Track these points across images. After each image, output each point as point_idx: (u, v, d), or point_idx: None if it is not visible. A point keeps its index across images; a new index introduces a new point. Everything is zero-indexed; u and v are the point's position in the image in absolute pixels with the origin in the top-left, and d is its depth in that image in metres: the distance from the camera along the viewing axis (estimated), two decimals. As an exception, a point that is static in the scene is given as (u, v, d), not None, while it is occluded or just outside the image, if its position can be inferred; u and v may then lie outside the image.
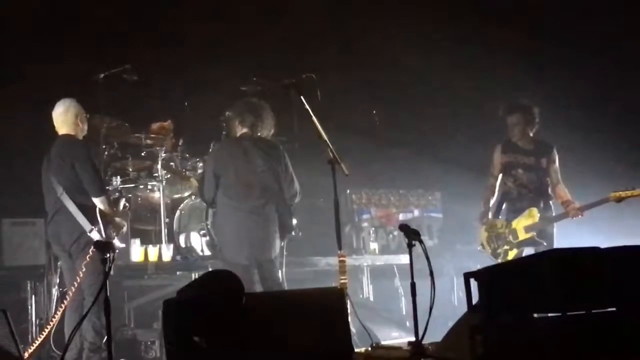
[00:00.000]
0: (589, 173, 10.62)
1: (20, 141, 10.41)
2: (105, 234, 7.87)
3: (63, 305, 7.93)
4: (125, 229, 8.57)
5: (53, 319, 8.03)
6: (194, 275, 9.25)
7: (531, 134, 9.51)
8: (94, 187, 8.01)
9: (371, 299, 10.88)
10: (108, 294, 5.95)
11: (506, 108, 9.57)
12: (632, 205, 8.89)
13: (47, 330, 7.98)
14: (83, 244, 7.82)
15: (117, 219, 8.22)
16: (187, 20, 11.64)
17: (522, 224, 9.34)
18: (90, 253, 7.52)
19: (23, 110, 10.34)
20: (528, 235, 9.28)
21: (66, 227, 7.97)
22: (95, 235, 7.77)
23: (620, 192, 8.71)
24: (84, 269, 7.65)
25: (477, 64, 11.79)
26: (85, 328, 7.66)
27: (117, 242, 8.10)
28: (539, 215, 9.27)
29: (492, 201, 9.67)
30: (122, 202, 8.73)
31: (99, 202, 7.98)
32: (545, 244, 9.10)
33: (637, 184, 8.75)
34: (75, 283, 7.77)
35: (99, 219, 7.90)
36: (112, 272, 6.21)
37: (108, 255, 5.98)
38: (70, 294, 7.85)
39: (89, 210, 7.91)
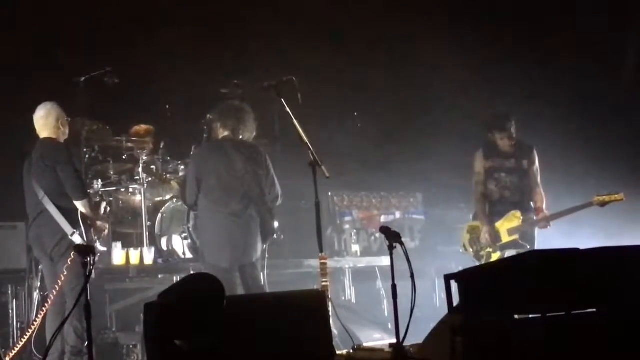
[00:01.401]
0: (571, 176, 10.68)
1: (0, 145, 10.37)
2: (87, 238, 7.85)
3: (44, 309, 7.91)
4: (106, 232, 8.55)
5: (34, 323, 7.99)
6: (176, 278, 9.26)
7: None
8: (76, 190, 7.97)
9: (353, 301, 10.88)
10: (89, 298, 5.94)
11: (493, 123, 9.51)
12: (615, 207, 8.93)
13: (28, 334, 7.95)
14: (65, 247, 7.78)
15: (99, 223, 8.20)
16: (168, 23, 11.62)
17: (505, 226, 9.35)
18: (72, 256, 7.50)
19: (3, 114, 10.29)
20: (511, 238, 9.29)
21: (48, 230, 7.94)
22: (77, 239, 7.75)
23: (604, 197, 8.77)
24: (65, 273, 7.63)
25: (458, 68, 11.81)
26: (67, 332, 7.64)
27: (98, 246, 8.08)
28: (521, 218, 9.29)
29: (486, 207, 9.61)
30: (104, 205, 8.69)
31: (80, 206, 7.95)
32: (528, 247, 9.12)
33: (619, 188, 8.82)
34: (56, 287, 7.74)
35: (80, 222, 7.88)
36: (93, 276, 6.21)
37: (89, 259, 5.96)
38: (52, 298, 7.83)
39: (70, 214, 7.88)
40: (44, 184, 7.95)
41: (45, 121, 8.20)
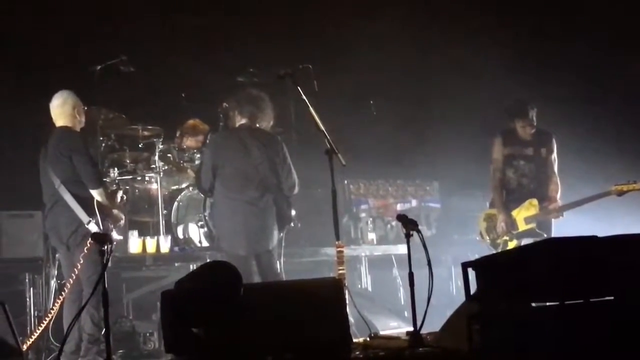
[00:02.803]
0: (588, 165, 10.63)
1: (17, 133, 10.39)
2: (103, 226, 7.85)
3: (61, 298, 7.92)
4: (122, 221, 8.55)
5: (51, 311, 8.01)
6: (192, 267, 9.24)
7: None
8: (92, 179, 7.96)
9: (369, 289, 10.87)
10: (106, 286, 5.95)
11: (515, 110, 9.46)
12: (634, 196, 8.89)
13: (45, 322, 7.97)
14: (81, 235, 7.77)
15: (115, 211, 8.20)
16: (183, 10, 11.61)
17: (522, 214, 9.32)
18: (88, 245, 7.49)
19: (19, 102, 10.31)
20: (528, 227, 9.26)
21: (64, 219, 7.93)
22: (93, 227, 7.72)
23: (623, 186, 8.71)
24: (82, 261, 7.62)
25: (476, 57, 11.77)
26: (84, 320, 7.64)
27: (115, 234, 8.09)
28: (538, 206, 9.26)
29: (503, 195, 9.57)
30: (120, 193, 8.69)
31: (96, 194, 7.93)
32: (545, 235, 9.08)
33: (637, 177, 8.77)
34: (73, 275, 7.75)
35: (96, 211, 7.87)
36: (110, 264, 6.22)
37: (106, 247, 5.98)
38: (69, 286, 7.84)
39: (86, 202, 7.87)
40: (59, 173, 7.94)
41: (61, 109, 8.19)
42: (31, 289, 9.19)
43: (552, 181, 9.38)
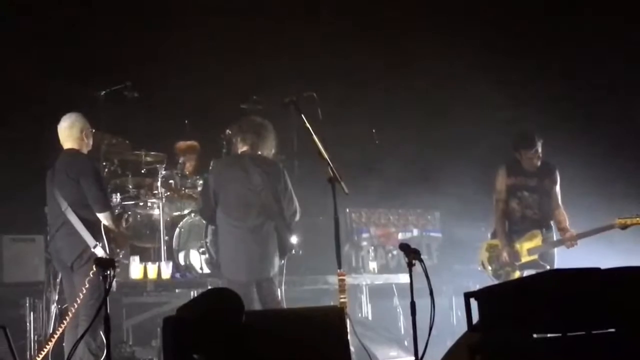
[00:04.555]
0: (592, 197, 10.64)
1: (20, 157, 10.42)
2: (108, 250, 7.86)
3: (65, 323, 7.86)
4: (127, 245, 8.53)
5: (54, 336, 7.96)
6: (193, 293, 9.25)
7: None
8: (99, 202, 7.97)
9: (370, 317, 10.86)
10: (108, 311, 5.95)
11: (521, 141, 9.47)
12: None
13: (47, 347, 7.91)
14: (85, 259, 7.75)
15: (121, 236, 8.20)
16: (187, 38, 11.66)
17: (525, 246, 9.33)
18: (94, 269, 7.48)
19: (23, 126, 10.36)
20: (531, 258, 9.26)
21: (69, 242, 7.90)
22: (99, 252, 7.71)
23: (626, 219, 8.72)
24: (87, 285, 7.58)
25: (476, 86, 11.80)
26: (81, 348, 7.60)
27: (121, 259, 8.07)
28: (542, 238, 9.26)
29: (506, 225, 9.57)
30: (125, 217, 8.69)
31: (103, 218, 7.94)
32: (548, 267, 9.08)
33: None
34: (77, 300, 7.70)
35: (103, 235, 7.87)
36: (114, 289, 6.21)
37: (109, 272, 5.98)
38: (72, 310, 7.79)
39: (93, 226, 7.86)
40: (67, 195, 7.93)
41: (69, 132, 8.19)
42: (31, 313, 9.19)
43: (559, 212, 9.39)
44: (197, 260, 9.99)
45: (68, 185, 7.96)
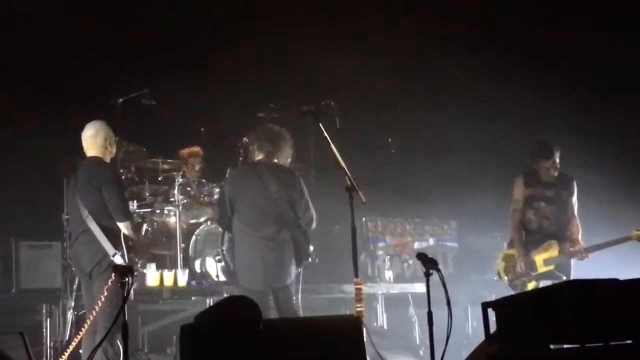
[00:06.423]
0: (608, 208, 10.63)
1: (37, 165, 10.46)
2: (127, 259, 7.86)
3: (82, 329, 7.85)
4: (146, 254, 8.53)
5: (71, 344, 7.94)
6: (209, 301, 9.27)
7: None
8: (120, 211, 7.95)
9: (385, 327, 10.86)
10: (126, 318, 5.96)
11: (540, 151, 9.45)
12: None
13: (66, 354, 7.90)
14: (104, 267, 7.72)
15: (140, 244, 8.20)
16: (206, 46, 11.70)
17: (542, 256, 9.29)
18: (113, 277, 7.48)
19: (40, 136, 10.39)
20: (547, 268, 9.23)
21: (89, 249, 7.88)
22: (118, 260, 7.68)
23: None
24: (105, 293, 7.53)
25: (493, 95, 11.80)
26: (99, 355, 7.61)
27: (139, 268, 8.06)
28: (558, 248, 9.24)
29: (523, 236, 9.55)
30: (145, 226, 8.71)
31: (123, 227, 7.93)
32: (564, 278, 9.05)
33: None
34: (96, 307, 7.67)
35: (122, 243, 7.86)
36: (131, 297, 6.22)
37: (127, 279, 5.99)
38: (91, 317, 7.78)
39: (113, 234, 7.84)
40: (88, 203, 7.92)
41: (93, 140, 8.15)
42: (48, 319, 9.22)
43: (573, 224, 9.37)
44: (213, 268, 10.01)
45: (90, 193, 7.94)
